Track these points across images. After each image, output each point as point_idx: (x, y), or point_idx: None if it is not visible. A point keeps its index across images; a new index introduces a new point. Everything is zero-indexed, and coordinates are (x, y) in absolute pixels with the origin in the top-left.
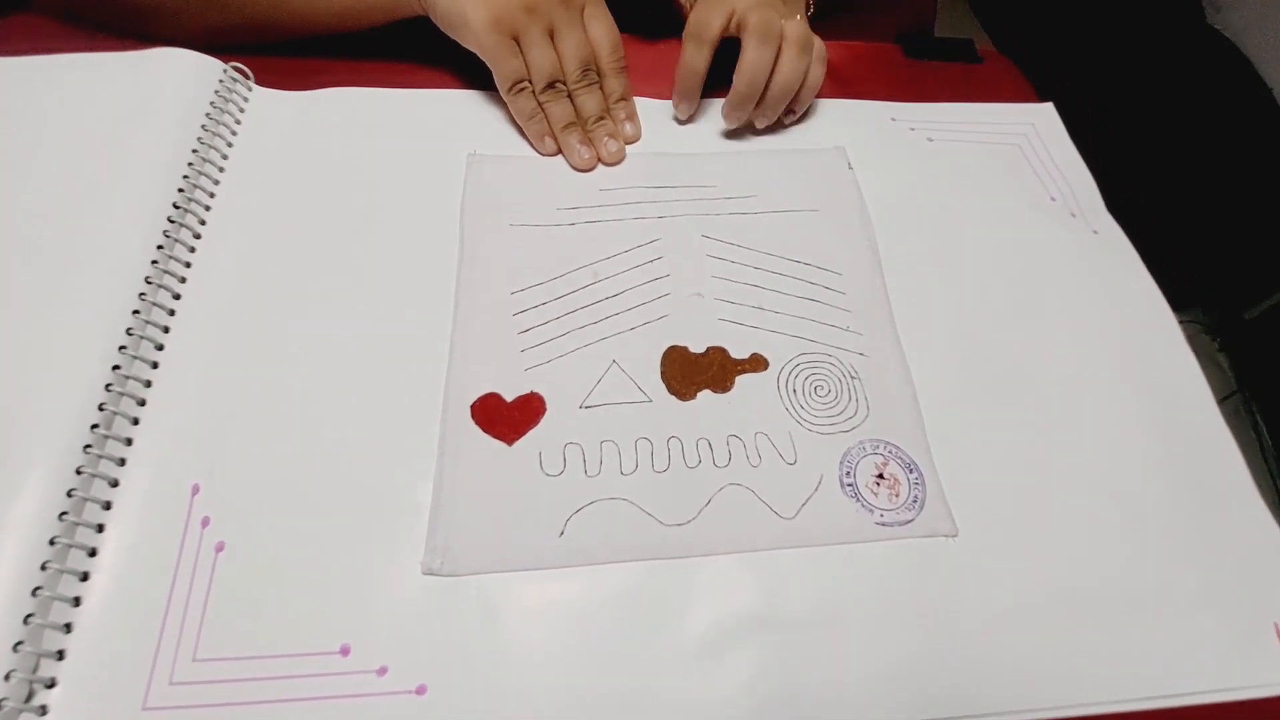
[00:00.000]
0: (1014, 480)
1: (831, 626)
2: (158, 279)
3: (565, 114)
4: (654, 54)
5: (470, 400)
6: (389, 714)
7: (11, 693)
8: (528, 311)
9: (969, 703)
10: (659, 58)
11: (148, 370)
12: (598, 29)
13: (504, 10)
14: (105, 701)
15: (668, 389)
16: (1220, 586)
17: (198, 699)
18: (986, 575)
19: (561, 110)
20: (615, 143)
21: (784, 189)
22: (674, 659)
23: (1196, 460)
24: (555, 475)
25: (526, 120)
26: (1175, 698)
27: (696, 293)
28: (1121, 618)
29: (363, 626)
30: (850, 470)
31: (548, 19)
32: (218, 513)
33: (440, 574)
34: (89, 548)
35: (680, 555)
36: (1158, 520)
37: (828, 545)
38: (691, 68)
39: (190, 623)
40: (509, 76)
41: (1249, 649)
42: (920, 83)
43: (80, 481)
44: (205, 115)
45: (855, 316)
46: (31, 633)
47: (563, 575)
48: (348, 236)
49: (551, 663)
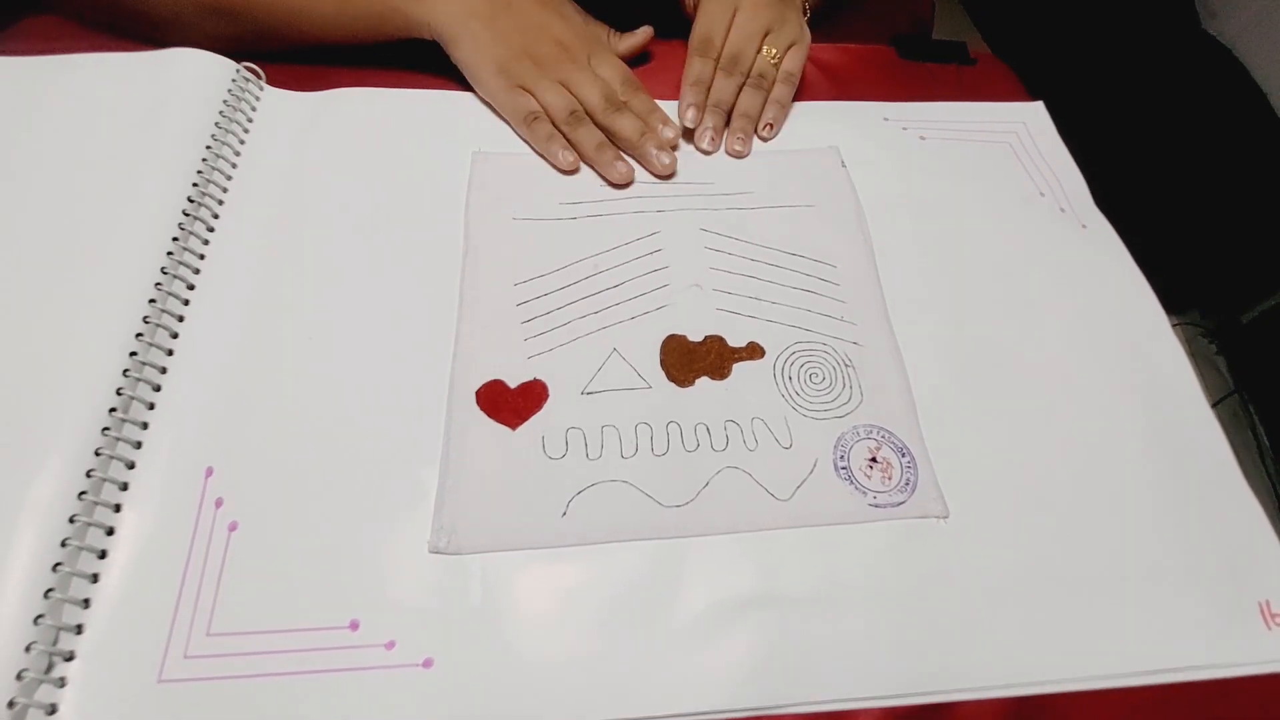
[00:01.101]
0: (1004, 464)
1: (826, 604)
2: (173, 270)
3: (593, 136)
4: (656, 53)
5: (475, 387)
6: (397, 686)
7: (32, 664)
8: (530, 302)
9: (960, 677)
10: (661, 57)
11: (163, 358)
12: (606, 70)
13: (510, 61)
14: (122, 673)
15: (667, 376)
16: (1206, 567)
17: (212, 671)
18: (977, 555)
19: (588, 133)
20: (668, 154)
21: (780, 186)
22: (672, 634)
23: (1182, 445)
24: (558, 458)
25: (545, 143)
26: (1162, 674)
27: (695, 284)
28: (1109, 597)
29: (372, 602)
30: (844, 454)
31: (555, 72)
32: (230, 494)
33: (446, 552)
34: (107, 527)
35: (679, 535)
36: (1144, 503)
37: (822, 526)
38: (699, 79)
39: (204, 599)
40: (519, 112)
41: (1234, 628)
42: (913, 84)
43: (99, 463)
44: (219, 114)
45: (849, 307)
46: (51, 607)
47: (565, 554)
48: (356, 231)
49: (554, 637)
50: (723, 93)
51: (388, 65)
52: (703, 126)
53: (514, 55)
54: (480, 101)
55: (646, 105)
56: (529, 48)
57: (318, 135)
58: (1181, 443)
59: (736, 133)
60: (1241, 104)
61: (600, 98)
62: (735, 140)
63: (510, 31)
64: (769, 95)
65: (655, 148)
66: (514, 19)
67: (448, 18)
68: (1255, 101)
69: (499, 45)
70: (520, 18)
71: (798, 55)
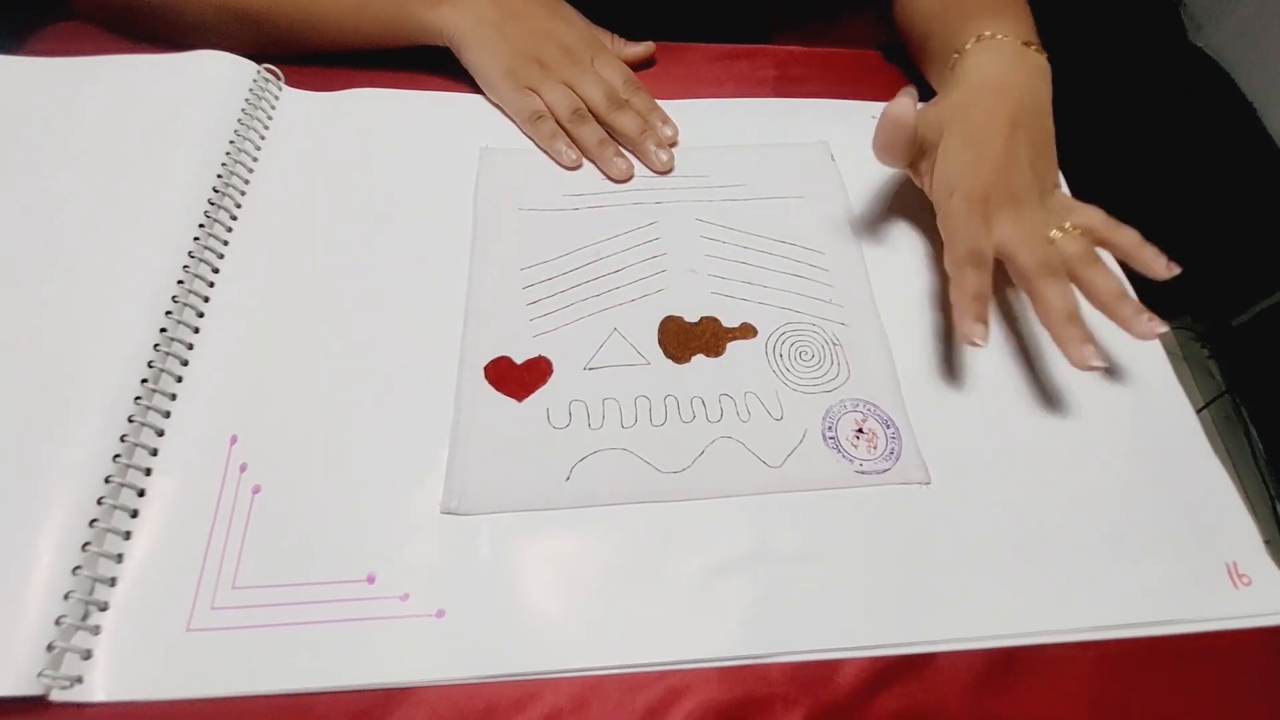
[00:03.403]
0: (982, 434)
1: (814, 562)
2: (199, 254)
3: (595, 133)
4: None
5: (484, 363)
6: (411, 633)
7: (69, 611)
8: (535, 285)
9: (940, 630)
10: (663, 59)
11: (190, 335)
12: (608, 70)
13: (518, 64)
14: (153, 622)
15: (664, 353)
16: (1176, 530)
17: (237, 621)
18: (957, 518)
19: (590, 130)
20: (665, 151)
21: (772, 178)
22: (669, 588)
23: (1153, 415)
24: (562, 428)
25: (548, 140)
26: (1133, 628)
27: (691, 269)
28: (1082, 556)
29: (387, 558)
30: (832, 425)
31: (560, 73)
32: (254, 460)
33: (458, 513)
34: (138, 488)
35: (676, 499)
36: (1116, 471)
37: (811, 491)
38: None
39: (230, 555)
40: (525, 111)
41: (1203, 586)
42: (900, 85)
43: (131, 429)
44: (241, 111)
45: (837, 291)
46: (87, 559)
47: (568, 515)
48: (371, 220)
49: (557, 591)
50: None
51: (401, 68)
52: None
53: (521, 59)
54: (488, 102)
55: (647, 104)
56: (535, 51)
57: (334, 132)
58: (1152, 415)
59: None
60: (1229, 114)
61: (603, 96)
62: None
63: (518, 36)
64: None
65: (654, 144)
66: (522, 25)
67: (459, 24)
68: (1243, 112)
69: (507, 49)
70: (527, 23)
71: (1086, 211)
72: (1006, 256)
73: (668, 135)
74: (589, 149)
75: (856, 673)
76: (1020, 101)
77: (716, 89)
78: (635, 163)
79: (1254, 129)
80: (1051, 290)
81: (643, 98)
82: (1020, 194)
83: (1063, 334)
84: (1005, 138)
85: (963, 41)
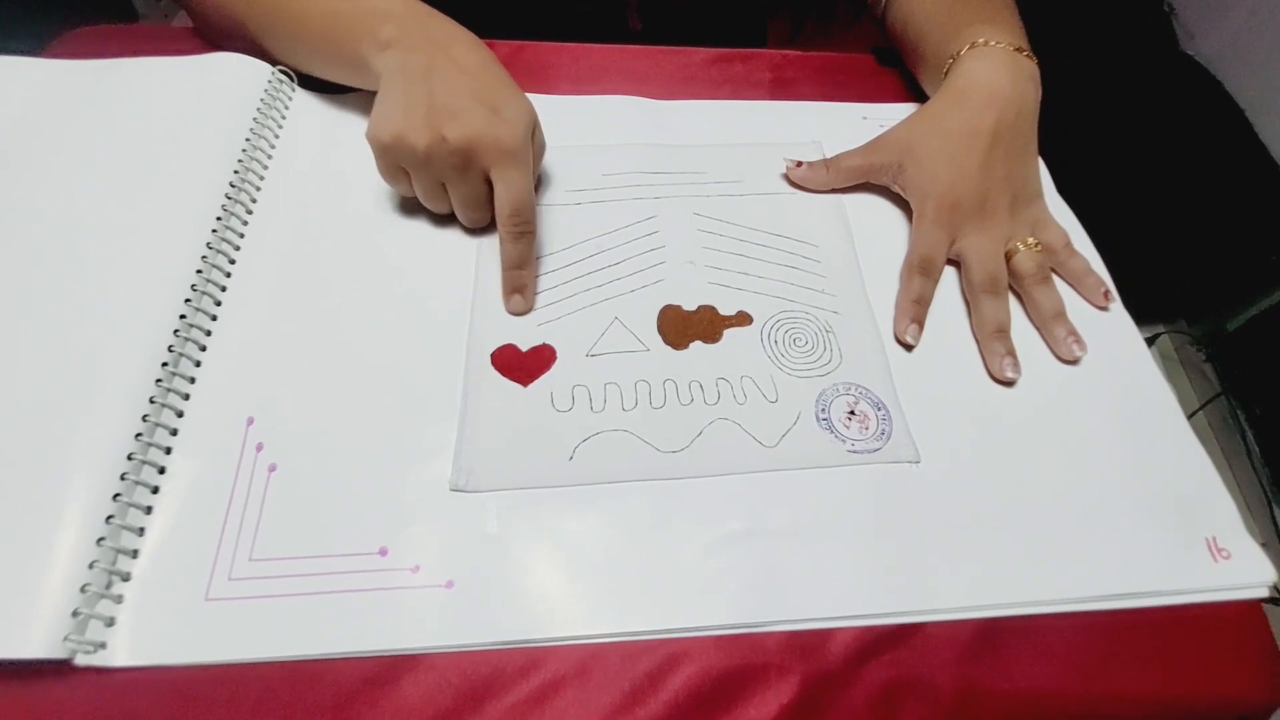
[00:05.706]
0: (971, 417)
1: (808, 536)
2: (217, 246)
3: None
4: (660, 58)
5: (490, 350)
6: (421, 603)
7: (94, 579)
8: (540, 276)
9: (930, 601)
10: (663, 62)
11: (208, 322)
12: (499, 190)
13: (398, 149)
14: (173, 592)
15: (663, 340)
16: (1158, 506)
17: (254, 591)
18: (946, 494)
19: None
20: (521, 298)
21: (767, 175)
22: (668, 560)
23: (1134, 396)
24: (565, 411)
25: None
26: (1117, 599)
27: (689, 261)
28: (1067, 531)
29: (399, 532)
30: (825, 408)
31: (439, 174)
32: (270, 441)
33: (466, 490)
34: (159, 466)
35: (675, 477)
36: (1099, 449)
37: (805, 469)
38: (921, 297)
39: (247, 529)
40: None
41: (1184, 560)
42: (891, 88)
43: (152, 410)
44: (256, 110)
45: (830, 281)
46: (111, 531)
47: (572, 492)
48: (381, 214)
49: (561, 564)
50: (999, 316)
51: None
52: (1004, 364)
53: (412, 129)
54: None
55: (515, 257)
56: (435, 128)
57: (345, 132)
58: (1133, 396)
59: (1064, 339)
60: (1221, 122)
61: (471, 215)
62: (1071, 347)
63: (418, 102)
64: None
65: (514, 290)
66: (434, 85)
67: (385, 66)
68: (1234, 119)
69: (402, 112)
70: (441, 89)
71: (1053, 230)
72: (962, 265)
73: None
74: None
75: (848, 642)
76: (1005, 111)
77: (714, 90)
78: (634, 156)
79: (1246, 135)
80: (987, 306)
81: (515, 249)
82: (989, 207)
83: (987, 346)
84: (983, 151)
85: (957, 48)
